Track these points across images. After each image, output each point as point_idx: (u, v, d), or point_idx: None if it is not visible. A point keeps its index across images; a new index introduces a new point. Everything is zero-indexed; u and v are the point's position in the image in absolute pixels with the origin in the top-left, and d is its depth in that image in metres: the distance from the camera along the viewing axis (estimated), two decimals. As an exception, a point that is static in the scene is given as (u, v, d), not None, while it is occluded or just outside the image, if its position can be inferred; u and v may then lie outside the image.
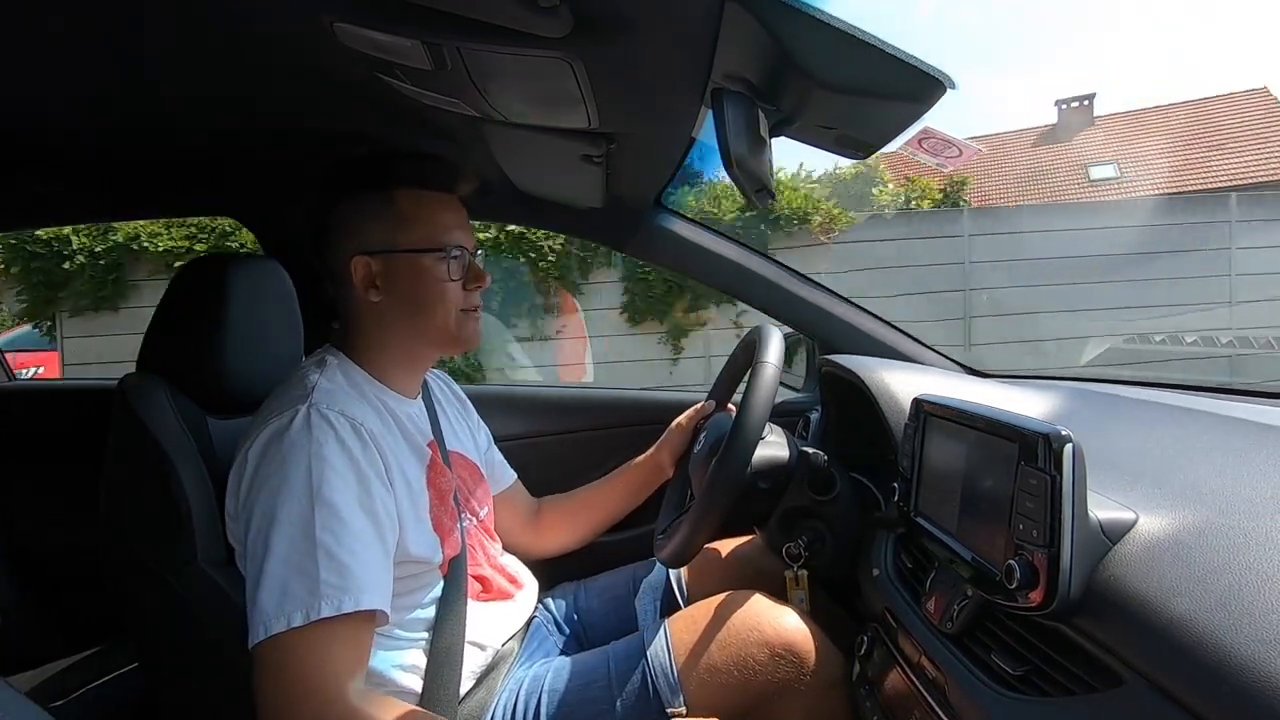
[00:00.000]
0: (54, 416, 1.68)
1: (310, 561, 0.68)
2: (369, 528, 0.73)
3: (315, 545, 0.68)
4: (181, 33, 0.71)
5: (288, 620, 0.66)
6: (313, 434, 0.73)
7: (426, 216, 0.84)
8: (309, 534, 0.69)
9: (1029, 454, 0.57)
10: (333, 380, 0.81)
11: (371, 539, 0.73)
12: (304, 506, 0.70)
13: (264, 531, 0.70)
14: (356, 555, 0.70)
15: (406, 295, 0.84)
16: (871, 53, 0.56)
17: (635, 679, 0.82)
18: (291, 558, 0.68)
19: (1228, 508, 0.55)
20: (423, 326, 0.86)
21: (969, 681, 0.61)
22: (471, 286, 0.87)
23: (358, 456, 0.75)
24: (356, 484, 0.74)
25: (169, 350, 0.90)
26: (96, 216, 2.94)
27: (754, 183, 0.73)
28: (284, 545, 0.69)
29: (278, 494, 0.71)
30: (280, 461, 0.72)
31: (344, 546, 0.70)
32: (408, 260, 0.83)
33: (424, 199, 0.85)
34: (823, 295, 1.37)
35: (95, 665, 1.38)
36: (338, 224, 0.85)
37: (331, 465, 0.72)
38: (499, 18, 0.60)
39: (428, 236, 0.84)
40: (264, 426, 0.75)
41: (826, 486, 0.95)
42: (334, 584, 0.68)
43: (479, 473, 1.02)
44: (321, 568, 0.68)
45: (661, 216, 1.34)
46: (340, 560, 0.69)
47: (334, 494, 0.71)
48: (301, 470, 0.71)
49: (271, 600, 0.67)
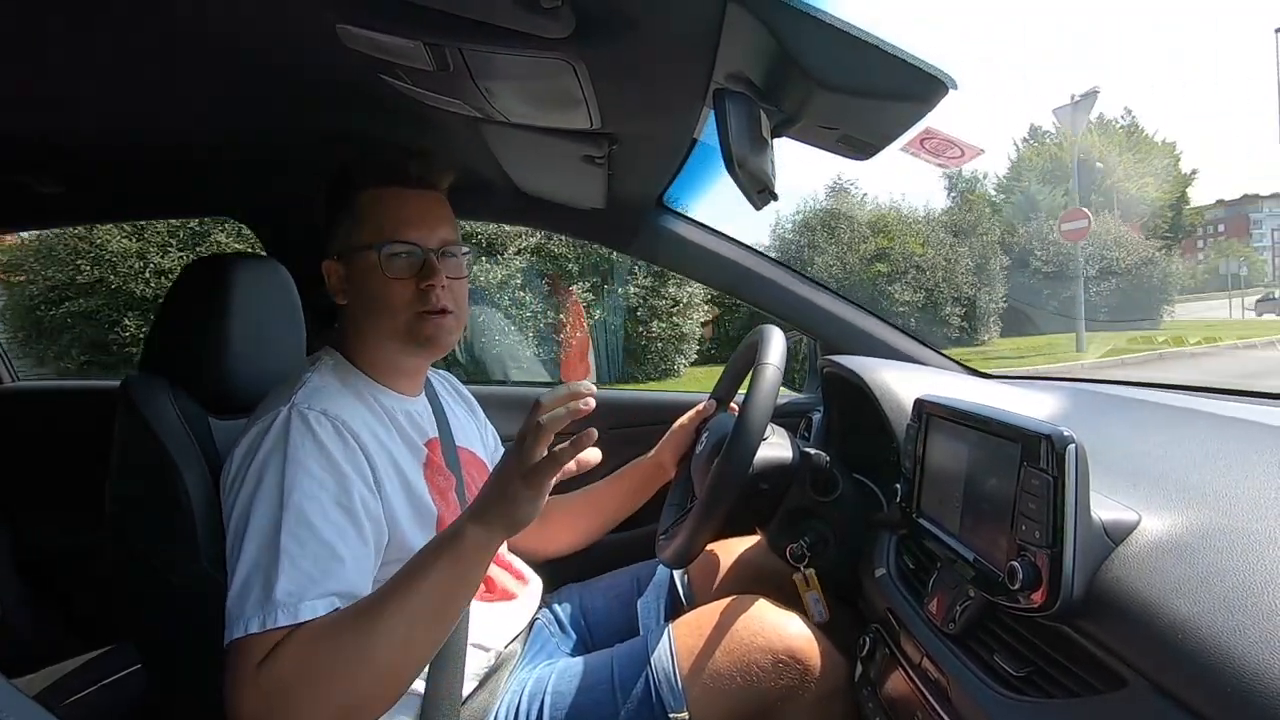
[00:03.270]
0: (57, 417, 1.68)
1: (272, 567, 0.67)
2: (347, 527, 0.72)
3: (279, 551, 0.67)
4: (184, 33, 0.71)
5: (245, 626, 0.65)
6: (289, 436, 0.72)
7: (376, 214, 0.82)
8: (274, 539, 0.68)
9: (1031, 455, 0.57)
10: (324, 378, 0.80)
11: (349, 539, 0.72)
12: (274, 510, 0.69)
13: (239, 533, 0.70)
14: (320, 562, 0.69)
15: (358, 296, 0.83)
16: (873, 53, 0.56)
17: (638, 684, 0.82)
18: (257, 557, 0.68)
19: (1231, 509, 0.55)
20: (380, 327, 0.84)
21: (971, 683, 0.61)
22: (424, 285, 0.81)
23: (336, 457, 0.74)
24: (335, 485, 0.73)
25: (171, 350, 0.90)
26: (97, 217, 2.94)
27: (755, 183, 0.73)
28: (253, 548, 0.68)
29: (252, 496, 0.71)
30: (258, 463, 0.72)
31: (308, 553, 0.69)
32: (357, 260, 0.82)
33: (379, 196, 0.83)
34: (824, 295, 1.37)
35: (100, 666, 1.38)
36: (324, 228, 0.86)
37: (304, 468, 0.71)
38: (501, 19, 0.60)
39: (372, 234, 0.82)
40: (250, 427, 0.76)
41: (829, 487, 0.95)
42: (294, 592, 0.67)
43: (488, 471, 1.02)
44: (282, 575, 0.67)
45: (663, 217, 1.34)
46: (302, 568, 0.68)
47: (304, 499, 0.70)
48: (275, 473, 0.71)
49: (236, 604, 0.67)
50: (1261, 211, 54.88)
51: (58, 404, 1.74)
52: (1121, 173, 25.72)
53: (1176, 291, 16.08)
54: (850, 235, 11.66)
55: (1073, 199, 13.79)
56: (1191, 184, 28.94)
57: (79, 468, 1.14)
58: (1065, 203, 19.95)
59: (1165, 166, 27.10)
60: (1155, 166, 26.71)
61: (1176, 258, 20.80)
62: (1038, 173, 24.41)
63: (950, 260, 11.50)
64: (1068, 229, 11.89)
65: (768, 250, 6.76)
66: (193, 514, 0.81)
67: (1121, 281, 13.76)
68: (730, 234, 1.37)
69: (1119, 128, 28.16)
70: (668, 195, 1.30)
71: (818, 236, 11.76)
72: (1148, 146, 27.73)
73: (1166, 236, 25.84)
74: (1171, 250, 21.51)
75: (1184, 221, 28.22)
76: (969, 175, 19.04)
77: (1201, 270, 38.44)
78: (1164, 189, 26.63)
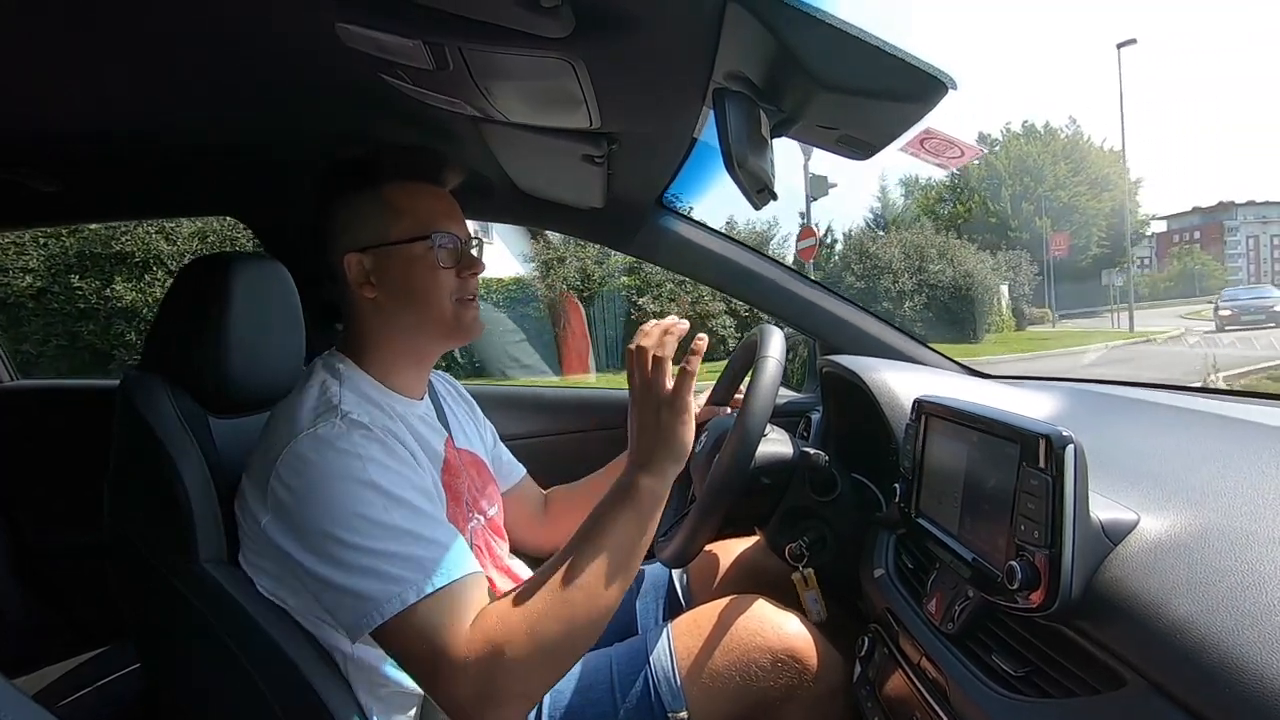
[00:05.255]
0: (56, 416, 1.68)
1: (404, 547, 0.68)
2: (436, 506, 0.75)
3: (402, 534, 0.69)
4: (183, 32, 0.71)
5: (402, 600, 0.66)
6: (354, 439, 0.72)
7: (413, 207, 0.84)
8: (391, 525, 0.69)
9: (1030, 455, 0.57)
10: (354, 390, 0.81)
11: (441, 515, 0.75)
12: (377, 503, 0.70)
13: (335, 538, 0.68)
14: (440, 529, 0.72)
15: (400, 287, 0.84)
16: (873, 53, 0.56)
17: (637, 683, 0.82)
18: (380, 547, 0.68)
19: (1230, 509, 0.55)
20: (420, 318, 0.85)
21: (970, 682, 0.61)
22: (465, 274, 0.86)
23: (399, 454, 0.75)
24: (411, 473, 0.74)
25: (171, 349, 0.90)
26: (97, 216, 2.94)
27: (755, 183, 0.73)
28: (369, 541, 0.68)
29: (344, 498, 0.69)
30: (335, 470, 0.71)
31: (426, 527, 0.71)
32: (398, 252, 0.83)
33: (411, 190, 0.85)
34: (823, 295, 1.37)
35: (99, 666, 1.38)
36: (330, 224, 0.85)
37: (382, 464, 0.72)
38: (501, 18, 0.60)
39: (415, 226, 0.83)
40: (294, 437, 0.73)
41: (827, 487, 0.95)
42: (434, 559, 0.68)
43: (488, 471, 1.02)
44: (418, 547, 0.69)
45: (663, 217, 1.34)
46: (432, 538, 0.70)
47: (395, 488, 0.71)
48: (356, 473, 0.70)
49: (374, 586, 0.67)
50: (1236, 219, 54.97)
51: (57, 403, 1.73)
52: (1053, 181, 26.62)
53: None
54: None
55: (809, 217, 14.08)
56: (1137, 192, 29.49)
57: (78, 467, 1.14)
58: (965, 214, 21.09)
59: (1107, 175, 27.76)
60: (1092, 175, 27.43)
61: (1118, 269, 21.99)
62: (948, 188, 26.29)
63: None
64: (801, 247, 12.03)
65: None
66: (192, 513, 0.81)
67: (940, 294, 13.97)
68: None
69: (1063, 137, 28.83)
70: (667, 195, 1.30)
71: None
72: (1091, 155, 28.38)
73: (1103, 245, 26.40)
74: (1122, 257, 22.06)
75: (1134, 229, 28.87)
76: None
77: (1165, 278, 39.19)
78: (1101, 198, 27.29)
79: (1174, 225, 56.68)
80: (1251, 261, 54.49)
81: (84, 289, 7.65)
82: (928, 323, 13.35)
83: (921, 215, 23.97)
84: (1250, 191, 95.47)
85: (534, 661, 0.66)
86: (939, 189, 27.55)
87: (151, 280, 7.82)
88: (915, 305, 13.66)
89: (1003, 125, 32.89)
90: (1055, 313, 22.11)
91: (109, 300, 7.66)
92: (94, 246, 7.73)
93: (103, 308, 7.68)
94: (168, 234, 7.99)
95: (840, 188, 15.09)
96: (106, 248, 7.76)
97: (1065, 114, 69.91)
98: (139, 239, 7.83)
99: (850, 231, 15.04)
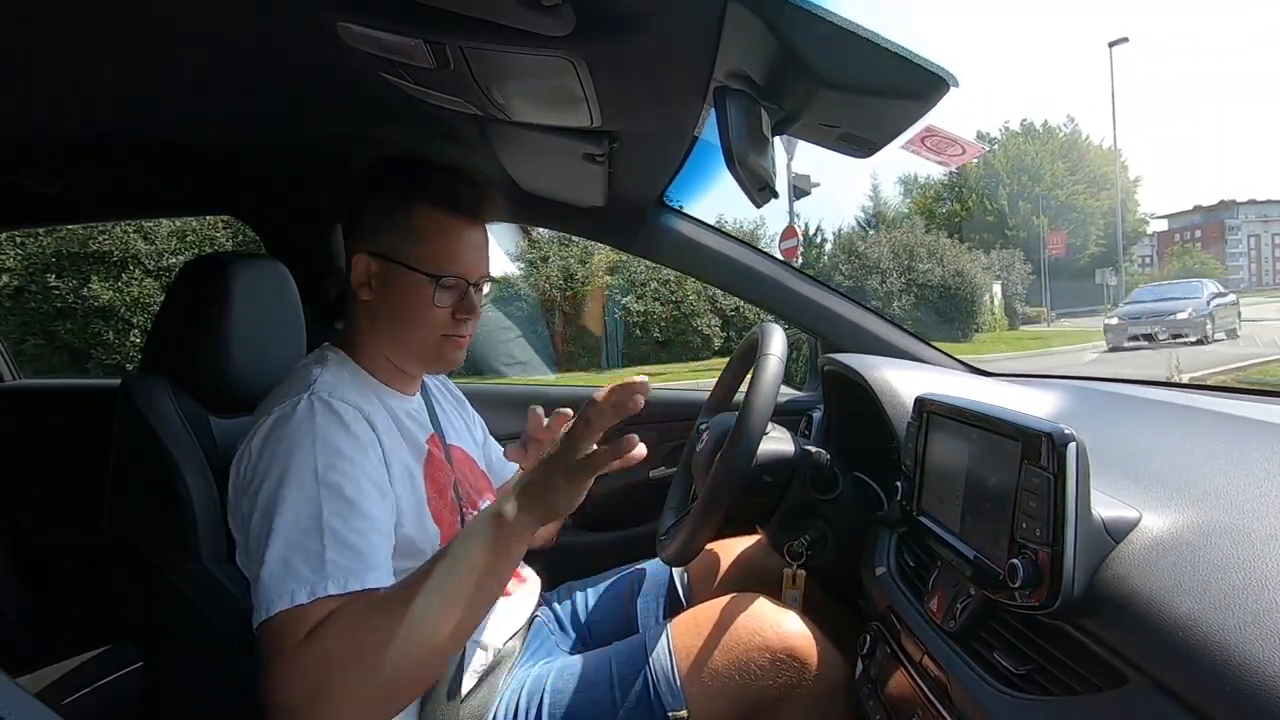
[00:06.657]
0: (57, 415, 1.68)
1: (315, 543, 0.67)
2: (378, 504, 0.73)
3: (322, 528, 0.68)
4: (183, 32, 0.71)
5: (291, 598, 0.65)
6: (316, 419, 0.73)
7: (436, 239, 0.83)
8: (315, 516, 0.68)
9: (1032, 452, 0.57)
10: (335, 374, 0.81)
11: (380, 516, 0.73)
12: (310, 490, 0.69)
13: (268, 515, 0.69)
14: (365, 537, 0.70)
15: (392, 305, 0.84)
16: (874, 50, 0.56)
17: (637, 682, 0.82)
18: (294, 538, 0.68)
19: (1231, 507, 0.55)
20: (400, 339, 0.85)
21: (972, 680, 0.61)
22: (460, 317, 0.85)
23: (363, 440, 0.75)
24: (366, 463, 0.74)
25: (171, 349, 0.90)
26: (97, 216, 2.94)
27: (756, 181, 0.73)
28: (289, 527, 0.68)
29: (283, 479, 0.70)
30: (285, 447, 0.71)
31: (351, 528, 0.69)
32: (403, 273, 0.82)
33: (440, 220, 0.84)
34: (824, 294, 1.37)
35: (99, 666, 1.38)
36: (356, 213, 0.85)
37: (336, 449, 0.72)
38: (502, 17, 0.60)
39: (429, 259, 0.82)
40: (267, 416, 0.75)
41: (829, 485, 0.95)
42: (341, 564, 0.67)
43: (479, 467, 1.02)
44: (328, 548, 0.67)
45: (664, 216, 1.34)
46: (348, 542, 0.68)
47: (340, 477, 0.71)
48: (306, 454, 0.71)
49: (274, 581, 0.66)
50: (1237, 217, 54.93)
51: (57, 403, 1.73)
52: (1050, 180, 26.60)
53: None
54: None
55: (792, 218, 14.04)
56: (1136, 191, 29.49)
57: (79, 466, 1.14)
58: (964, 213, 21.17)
59: (1105, 174, 27.79)
60: (1091, 174, 27.41)
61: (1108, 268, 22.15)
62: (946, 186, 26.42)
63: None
64: (784, 247, 12.01)
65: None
66: (193, 512, 0.81)
67: (929, 294, 13.99)
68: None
69: (1061, 135, 28.84)
70: (668, 193, 1.30)
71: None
72: (1089, 154, 28.38)
73: (1101, 243, 26.39)
74: (1120, 255, 22.10)
75: (1133, 228, 28.90)
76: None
77: (1164, 277, 39.53)
78: (1100, 197, 27.30)
79: (1175, 224, 56.69)
80: (1252, 260, 54.56)
81: (61, 288, 7.66)
82: (916, 322, 13.35)
83: (913, 214, 23.96)
84: (1252, 190, 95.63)
85: (364, 695, 0.63)
86: (937, 188, 27.62)
87: (129, 279, 7.83)
88: (904, 305, 13.67)
89: (1001, 124, 32.90)
90: (1052, 311, 22.39)
91: (86, 299, 7.68)
92: (71, 246, 7.74)
93: (80, 307, 7.70)
94: (145, 233, 8.01)
95: (833, 186, 15.16)
96: (84, 247, 7.77)
97: (1064, 113, 70.06)
98: (116, 238, 7.86)
99: (840, 230, 15.16)
